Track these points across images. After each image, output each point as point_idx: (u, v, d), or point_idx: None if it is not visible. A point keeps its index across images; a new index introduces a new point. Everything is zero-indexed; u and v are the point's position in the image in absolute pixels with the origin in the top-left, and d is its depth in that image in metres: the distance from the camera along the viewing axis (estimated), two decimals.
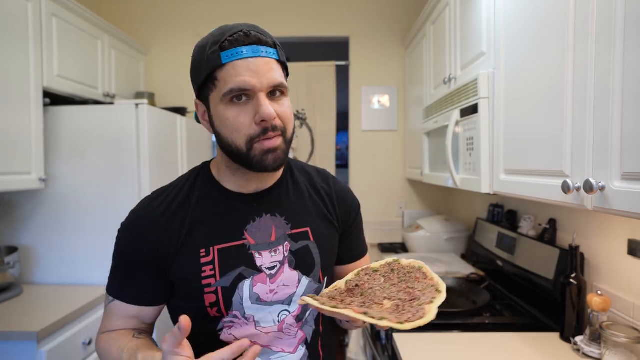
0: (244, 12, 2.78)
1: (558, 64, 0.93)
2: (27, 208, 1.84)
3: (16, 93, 1.61)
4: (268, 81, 0.66)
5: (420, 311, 0.56)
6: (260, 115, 0.65)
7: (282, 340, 0.75)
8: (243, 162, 0.70)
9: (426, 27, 2.14)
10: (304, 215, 0.79)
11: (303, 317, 0.77)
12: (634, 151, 0.70)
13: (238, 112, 0.67)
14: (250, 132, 0.67)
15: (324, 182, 0.86)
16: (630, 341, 0.99)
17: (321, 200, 0.83)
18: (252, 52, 0.66)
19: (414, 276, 0.67)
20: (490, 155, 1.28)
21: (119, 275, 0.75)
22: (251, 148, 0.68)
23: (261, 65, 0.66)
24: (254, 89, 0.65)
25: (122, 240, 0.75)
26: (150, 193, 0.78)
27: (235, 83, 0.65)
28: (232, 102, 0.66)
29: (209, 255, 0.71)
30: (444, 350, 1.20)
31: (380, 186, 2.82)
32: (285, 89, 0.70)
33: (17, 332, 1.35)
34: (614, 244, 1.22)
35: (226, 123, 0.68)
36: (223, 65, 0.65)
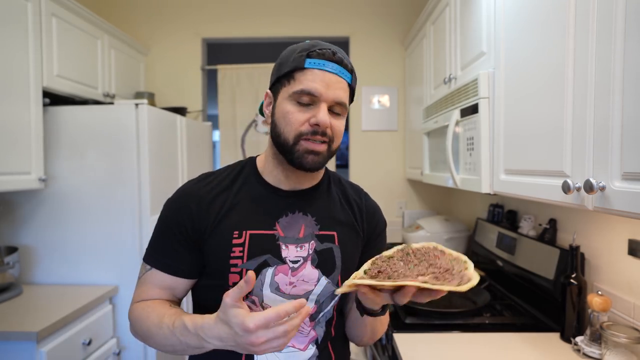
0: (244, 12, 2.78)
1: (558, 64, 0.92)
2: (27, 208, 1.84)
3: (16, 93, 1.60)
4: (334, 95, 0.74)
5: (464, 276, 0.58)
6: (316, 119, 0.73)
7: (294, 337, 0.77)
8: (286, 154, 0.77)
9: (426, 27, 2.14)
10: (333, 220, 0.84)
11: (316, 317, 0.80)
12: (634, 151, 0.70)
13: (298, 110, 0.74)
14: (301, 129, 0.74)
15: (356, 195, 0.91)
16: (631, 341, 0.99)
17: (351, 211, 0.88)
18: (332, 68, 0.74)
19: (433, 254, 0.67)
20: (491, 155, 1.28)
21: (159, 245, 0.80)
22: (297, 143, 0.75)
23: (334, 81, 0.74)
24: (320, 97, 0.73)
25: (166, 211, 0.81)
26: (202, 173, 0.86)
27: (307, 86, 0.73)
28: (297, 102, 0.74)
29: (240, 237, 0.77)
30: (444, 350, 1.20)
31: (380, 186, 2.81)
32: (345, 109, 0.78)
33: (17, 332, 1.35)
34: (614, 244, 1.22)
35: (285, 115, 0.75)
36: (304, 69, 0.74)
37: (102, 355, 1.71)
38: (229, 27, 2.79)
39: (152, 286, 0.80)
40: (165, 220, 0.81)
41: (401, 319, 1.39)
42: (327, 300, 0.81)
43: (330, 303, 0.82)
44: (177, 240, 0.78)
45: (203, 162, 2.59)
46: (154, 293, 0.79)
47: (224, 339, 0.62)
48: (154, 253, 0.81)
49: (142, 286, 0.81)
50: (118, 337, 1.86)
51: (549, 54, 0.97)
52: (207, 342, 0.64)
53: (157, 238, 0.82)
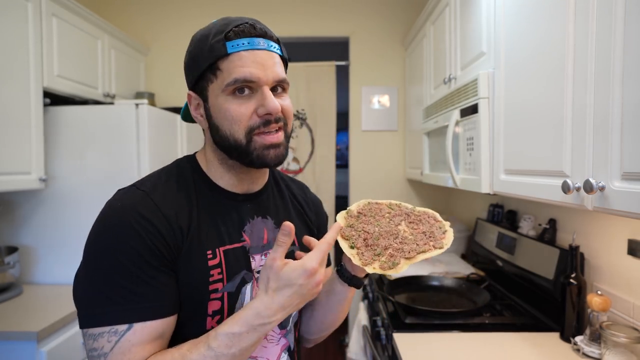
0: (244, 12, 2.77)
1: (558, 64, 0.93)
2: (27, 208, 1.84)
3: (16, 93, 1.60)
4: (273, 75, 0.65)
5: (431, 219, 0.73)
6: (266, 109, 0.63)
7: (266, 348, 0.72)
8: (241, 156, 0.67)
9: (426, 27, 2.14)
10: (289, 220, 0.73)
11: (287, 324, 0.75)
12: (633, 151, 0.70)
13: (239, 104, 0.64)
14: (250, 123, 0.64)
15: (300, 190, 0.88)
16: (630, 341, 0.99)
17: (300, 207, 0.85)
18: (258, 45, 0.64)
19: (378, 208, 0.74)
20: (490, 155, 1.28)
21: (127, 286, 0.58)
22: (250, 140, 0.65)
23: (266, 58, 0.64)
24: (259, 81, 0.63)
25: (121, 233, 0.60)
26: (131, 185, 0.69)
27: (240, 73, 0.62)
28: (235, 94, 0.64)
29: (215, 257, 0.66)
30: (444, 350, 1.20)
31: (380, 186, 2.81)
32: (287, 84, 0.69)
33: (17, 332, 1.36)
34: (614, 244, 1.22)
35: (226, 114, 0.64)
36: (228, 55, 0.63)
37: None
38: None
39: (140, 348, 0.57)
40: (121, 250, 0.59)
41: (401, 319, 1.39)
42: None
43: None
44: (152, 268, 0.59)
45: None
46: (146, 353, 0.58)
47: (288, 303, 0.59)
48: (125, 304, 0.57)
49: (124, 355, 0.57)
50: None
51: (549, 54, 0.97)
52: (270, 323, 0.59)
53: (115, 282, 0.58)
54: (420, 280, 1.76)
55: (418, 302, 1.48)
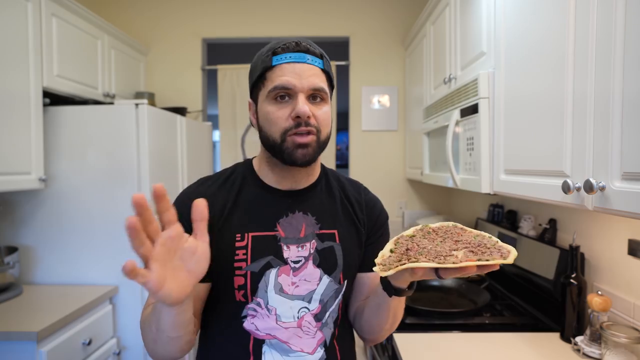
0: (244, 12, 2.78)
1: (559, 64, 0.92)
2: (27, 208, 1.84)
3: (16, 93, 1.60)
4: (309, 84, 0.74)
5: (502, 249, 0.59)
6: (296, 112, 0.72)
7: (301, 338, 0.77)
8: (277, 154, 0.76)
9: (426, 27, 2.14)
10: (333, 218, 0.84)
11: (322, 317, 0.80)
12: (634, 151, 0.70)
13: (278, 108, 0.74)
14: (285, 125, 0.74)
15: (355, 190, 0.91)
16: (631, 341, 0.99)
17: (351, 207, 0.87)
18: (298, 58, 0.74)
19: (455, 232, 0.67)
20: (491, 155, 1.28)
21: None
22: (284, 140, 0.74)
23: (305, 70, 0.74)
24: (294, 88, 0.73)
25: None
26: (199, 178, 0.85)
27: (279, 82, 0.73)
28: (275, 100, 0.75)
29: (243, 240, 0.77)
30: (444, 350, 1.20)
31: (380, 186, 2.81)
32: (325, 94, 0.77)
33: (17, 332, 1.35)
34: (614, 244, 1.22)
35: (267, 117, 0.76)
36: (272, 67, 0.75)
37: (102, 355, 1.71)
38: (229, 27, 2.79)
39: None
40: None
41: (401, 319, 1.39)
42: (332, 299, 0.80)
43: (335, 301, 0.81)
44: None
45: (203, 162, 2.59)
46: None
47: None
48: None
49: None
50: (118, 337, 1.86)
51: (549, 54, 0.96)
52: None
53: None
54: (421, 280, 1.76)
55: (418, 302, 1.48)
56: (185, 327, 0.66)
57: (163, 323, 0.63)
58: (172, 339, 0.66)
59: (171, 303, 0.56)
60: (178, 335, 0.66)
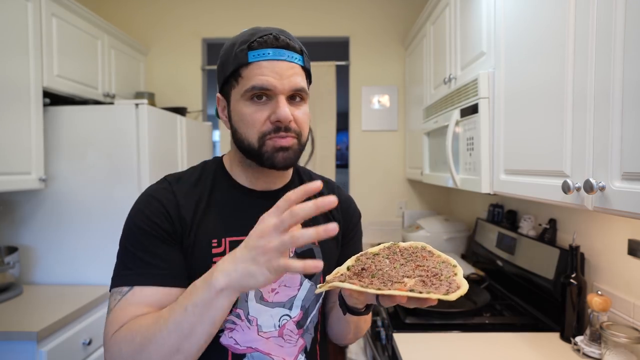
0: (244, 12, 2.78)
1: (558, 64, 0.92)
2: (27, 208, 1.84)
3: (16, 93, 1.60)
4: (290, 84, 0.69)
5: (452, 283, 0.56)
6: (277, 116, 0.68)
7: (282, 348, 0.74)
8: (254, 158, 0.72)
9: (426, 27, 2.14)
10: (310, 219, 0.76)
11: (304, 324, 0.77)
12: (634, 151, 0.70)
13: (255, 110, 0.69)
14: (263, 128, 0.69)
15: (329, 190, 0.88)
16: (631, 341, 0.99)
17: None
18: (278, 55, 0.68)
19: (420, 255, 0.65)
20: (491, 155, 1.28)
21: (134, 260, 0.67)
22: (263, 144, 0.69)
23: (285, 68, 0.68)
24: (275, 89, 0.68)
25: (139, 216, 0.70)
26: (164, 177, 0.78)
27: (258, 81, 0.67)
28: (252, 100, 0.69)
29: (220, 246, 0.71)
30: (444, 350, 1.20)
31: (380, 186, 2.81)
32: (305, 94, 0.72)
33: (17, 332, 1.35)
34: (614, 244, 1.22)
35: (243, 118, 0.70)
36: (249, 63, 0.68)
37: (102, 356, 1.71)
38: (229, 27, 2.79)
39: (136, 307, 0.64)
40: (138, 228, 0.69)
41: (401, 319, 1.39)
42: (313, 304, 0.78)
43: (316, 306, 0.79)
44: (159, 243, 0.68)
45: None
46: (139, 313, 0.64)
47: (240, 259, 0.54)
48: (129, 271, 0.67)
49: (118, 312, 0.65)
50: None
51: (549, 54, 0.97)
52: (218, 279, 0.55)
53: (128, 254, 0.68)
54: None
55: None
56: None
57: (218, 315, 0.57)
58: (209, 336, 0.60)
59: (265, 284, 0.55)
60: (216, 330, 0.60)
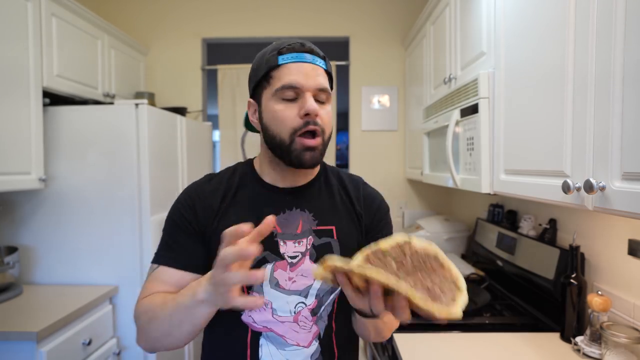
0: (244, 12, 2.78)
1: (559, 64, 0.92)
2: (27, 208, 1.84)
3: (16, 93, 1.60)
4: (315, 84, 0.75)
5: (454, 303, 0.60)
6: (305, 109, 0.74)
7: (297, 333, 0.79)
8: (283, 155, 0.77)
9: (426, 27, 2.14)
10: (331, 214, 0.84)
11: (318, 311, 0.81)
12: (634, 151, 0.70)
13: (286, 107, 0.76)
14: (294, 124, 0.75)
15: (354, 186, 0.92)
16: (631, 341, 0.99)
17: (350, 202, 0.88)
18: (304, 59, 0.76)
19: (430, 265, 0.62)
20: (491, 155, 1.28)
21: (166, 244, 0.81)
22: (293, 141, 0.75)
23: (310, 69, 0.76)
24: (302, 87, 0.75)
25: (174, 210, 0.83)
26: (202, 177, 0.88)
27: (287, 80, 0.74)
28: (282, 100, 0.76)
29: None
30: (444, 350, 1.20)
31: (380, 186, 2.78)
32: (328, 95, 0.79)
33: (17, 332, 1.35)
34: (614, 244, 1.22)
35: (274, 115, 0.76)
36: (279, 65, 0.76)
37: (102, 355, 1.71)
38: (229, 27, 2.79)
39: (159, 283, 0.78)
40: (172, 218, 0.82)
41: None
42: (327, 294, 0.81)
43: (331, 296, 0.82)
44: (183, 234, 0.80)
45: (203, 162, 2.59)
46: (161, 289, 0.78)
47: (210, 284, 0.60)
48: (161, 251, 0.81)
49: (149, 283, 0.80)
50: (118, 337, 1.86)
51: (549, 54, 0.96)
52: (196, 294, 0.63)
53: (163, 239, 0.83)
54: None
55: None
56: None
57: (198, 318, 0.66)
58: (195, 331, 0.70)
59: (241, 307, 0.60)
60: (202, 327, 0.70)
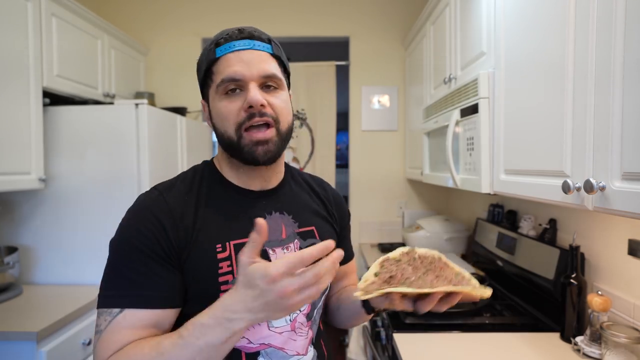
0: (244, 12, 2.78)
1: (559, 64, 0.92)
2: (26, 208, 1.84)
3: (16, 93, 1.60)
4: (258, 71, 0.69)
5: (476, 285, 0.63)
6: (247, 102, 0.67)
7: (295, 341, 0.74)
8: (235, 153, 0.71)
9: (426, 27, 2.14)
10: (308, 214, 0.81)
11: (312, 315, 0.78)
12: (634, 151, 0.70)
13: (229, 102, 0.69)
14: (238, 119, 0.69)
15: (319, 186, 0.90)
16: (631, 341, 0.99)
17: (321, 202, 0.86)
18: (244, 45, 0.69)
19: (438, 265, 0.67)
20: (491, 155, 1.28)
21: (126, 278, 0.64)
22: (241, 137, 0.69)
23: (253, 57, 0.69)
24: (244, 78, 0.68)
25: (131, 230, 0.66)
26: (153, 187, 0.75)
27: (226, 73, 0.68)
28: (226, 94, 0.69)
29: (225, 250, 0.69)
30: (444, 350, 1.20)
31: (380, 186, 2.81)
32: (279, 80, 0.72)
33: (16, 332, 1.35)
34: (614, 244, 1.22)
35: (219, 113, 0.70)
36: (217, 58, 0.69)
37: None
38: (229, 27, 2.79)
39: (129, 331, 0.61)
40: (130, 244, 0.65)
41: (401, 319, 1.39)
42: (319, 298, 0.80)
43: (322, 298, 0.81)
44: (152, 262, 0.64)
45: None
46: (134, 337, 0.61)
47: (253, 306, 0.54)
48: (120, 290, 0.63)
49: (109, 336, 0.61)
50: None
51: (549, 54, 0.96)
52: (236, 321, 0.55)
53: (117, 272, 0.65)
54: None
55: None
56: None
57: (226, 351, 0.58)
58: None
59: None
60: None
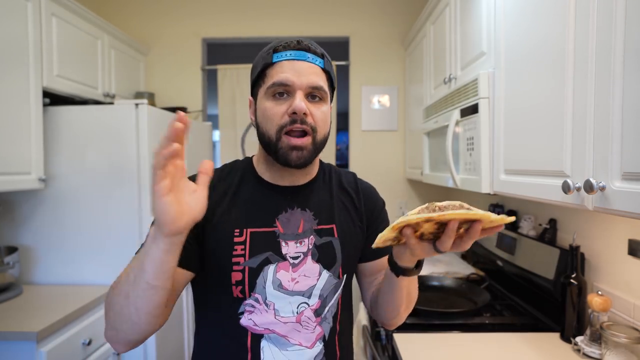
0: (244, 12, 2.78)
1: (559, 64, 0.92)
2: (26, 208, 1.84)
3: (16, 93, 1.60)
4: (307, 82, 0.74)
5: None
6: (292, 108, 0.72)
7: (300, 333, 0.78)
8: (271, 152, 0.77)
9: (426, 27, 2.14)
10: (331, 213, 0.84)
11: (322, 312, 0.80)
12: (634, 151, 0.70)
13: (275, 104, 0.75)
14: (281, 121, 0.74)
15: (350, 181, 0.92)
16: (631, 341, 0.99)
17: (349, 198, 0.88)
18: (299, 56, 0.75)
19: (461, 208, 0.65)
20: (491, 155, 1.28)
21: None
22: (280, 139, 0.74)
23: (304, 68, 0.75)
24: (293, 85, 0.74)
25: None
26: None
27: (277, 78, 0.74)
28: (274, 97, 0.75)
29: (241, 235, 0.77)
30: (444, 350, 1.20)
31: (380, 186, 2.78)
32: (324, 93, 0.77)
33: (16, 332, 1.35)
34: (614, 244, 1.22)
35: (264, 113, 0.76)
36: (272, 63, 0.75)
37: (102, 356, 1.71)
38: (229, 27, 2.79)
39: None
40: None
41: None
42: (331, 294, 0.81)
43: (334, 296, 0.82)
44: None
45: None
46: None
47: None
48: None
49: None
50: None
51: (549, 54, 0.96)
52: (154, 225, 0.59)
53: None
54: (421, 281, 1.76)
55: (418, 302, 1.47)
56: (167, 278, 0.61)
57: (148, 263, 0.59)
58: (149, 288, 0.60)
59: (169, 223, 0.56)
60: (156, 284, 0.60)
